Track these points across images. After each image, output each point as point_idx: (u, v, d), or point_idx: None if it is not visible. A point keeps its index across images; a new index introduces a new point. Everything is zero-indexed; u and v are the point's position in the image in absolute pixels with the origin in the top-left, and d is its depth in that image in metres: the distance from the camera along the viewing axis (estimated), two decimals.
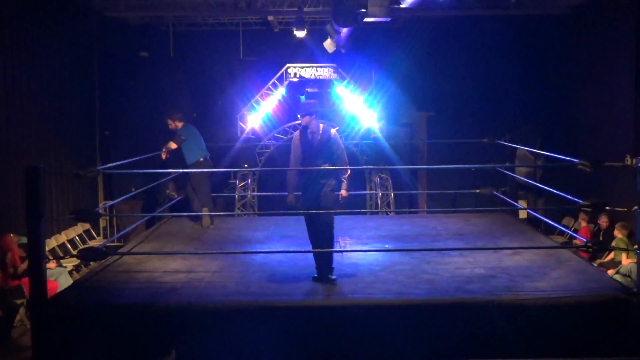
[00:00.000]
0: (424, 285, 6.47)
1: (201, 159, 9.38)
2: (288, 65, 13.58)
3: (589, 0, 11.46)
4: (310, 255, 6.85)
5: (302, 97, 13.71)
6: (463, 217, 9.99)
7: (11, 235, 8.39)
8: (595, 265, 8.56)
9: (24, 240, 7.36)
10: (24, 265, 7.95)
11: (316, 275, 6.75)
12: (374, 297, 6.16)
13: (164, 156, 9.25)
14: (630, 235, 8.71)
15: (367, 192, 13.61)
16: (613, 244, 8.98)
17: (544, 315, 5.92)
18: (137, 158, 8.30)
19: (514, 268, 6.97)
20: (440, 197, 13.30)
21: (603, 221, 10.06)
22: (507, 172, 10.95)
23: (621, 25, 10.40)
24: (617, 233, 9.02)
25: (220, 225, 9.68)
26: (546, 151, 9.29)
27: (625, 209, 6.97)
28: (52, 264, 8.82)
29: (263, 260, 7.49)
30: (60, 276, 8.65)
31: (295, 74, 13.51)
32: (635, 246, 6.26)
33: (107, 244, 9.68)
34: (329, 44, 12.60)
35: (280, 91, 13.53)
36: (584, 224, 10.51)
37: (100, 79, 12.52)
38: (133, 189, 10.52)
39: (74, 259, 9.69)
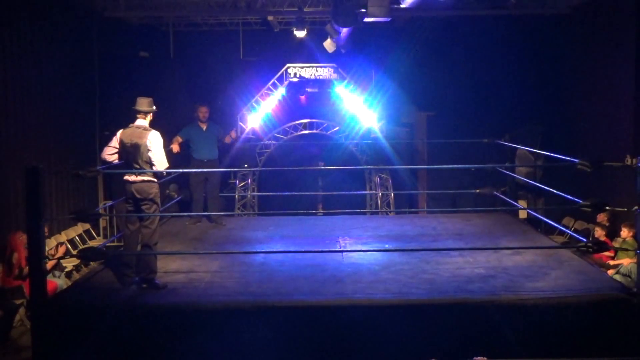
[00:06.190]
0: (424, 285, 6.46)
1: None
2: (288, 65, 13.54)
3: (589, 0, 11.46)
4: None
5: (302, 98, 13.72)
6: (463, 217, 9.99)
7: (22, 234, 8.21)
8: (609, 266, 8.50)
9: None
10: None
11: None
12: (374, 297, 6.16)
13: (175, 148, 9.27)
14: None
15: (367, 192, 13.60)
16: (618, 244, 8.91)
17: (544, 315, 5.92)
18: None
19: (514, 268, 6.97)
20: (440, 197, 13.27)
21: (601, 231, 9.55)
22: (507, 172, 10.92)
23: (621, 25, 10.38)
24: (624, 233, 8.89)
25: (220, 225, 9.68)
26: (546, 151, 9.28)
27: (625, 209, 6.97)
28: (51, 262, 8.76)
29: (263, 260, 7.49)
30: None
31: (295, 74, 13.48)
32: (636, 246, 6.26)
33: (107, 244, 9.70)
34: (329, 44, 12.60)
35: (280, 91, 13.50)
36: (602, 236, 9.30)
37: (100, 79, 12.49)
38: None
39: (74, 259, 9.68)
